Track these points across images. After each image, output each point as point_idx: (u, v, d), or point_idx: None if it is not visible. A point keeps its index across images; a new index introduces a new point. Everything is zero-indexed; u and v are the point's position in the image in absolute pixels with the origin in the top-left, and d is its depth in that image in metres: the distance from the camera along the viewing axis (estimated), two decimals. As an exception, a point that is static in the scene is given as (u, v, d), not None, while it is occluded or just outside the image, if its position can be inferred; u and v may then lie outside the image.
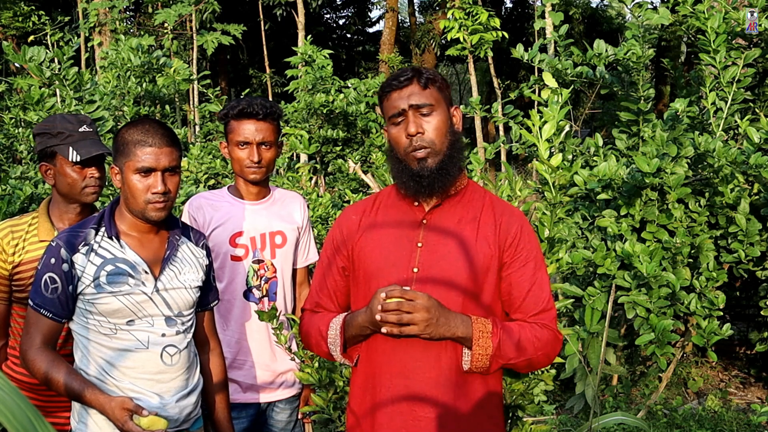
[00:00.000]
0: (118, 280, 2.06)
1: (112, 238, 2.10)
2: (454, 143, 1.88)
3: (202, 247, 2.28)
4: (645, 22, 4.90)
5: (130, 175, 2.05)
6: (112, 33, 12.40)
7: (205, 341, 2.32)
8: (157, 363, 2.10)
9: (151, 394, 2.10)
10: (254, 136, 2.57)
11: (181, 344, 2.15)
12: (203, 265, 2.25)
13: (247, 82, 20.81)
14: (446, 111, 1.90)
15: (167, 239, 2.18)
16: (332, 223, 6.04)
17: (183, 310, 2.17)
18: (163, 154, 2.05)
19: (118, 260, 2.08)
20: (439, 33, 16.66)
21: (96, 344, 2.08)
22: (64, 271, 2.04)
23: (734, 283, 4.77)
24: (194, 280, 2.20)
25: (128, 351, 2.08)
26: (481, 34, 9.98)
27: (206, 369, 2.32)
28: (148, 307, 2.10)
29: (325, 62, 8.21)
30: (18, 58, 5.40)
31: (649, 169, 3.91)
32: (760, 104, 5.23)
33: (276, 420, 2.74)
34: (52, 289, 2.05)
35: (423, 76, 1.88)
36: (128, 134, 2.07)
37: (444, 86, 1.92)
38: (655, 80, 15.90)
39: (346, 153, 8.09)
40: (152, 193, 2.05)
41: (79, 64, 14.14)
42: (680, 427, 4.44)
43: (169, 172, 2.08)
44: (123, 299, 2.06)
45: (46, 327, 2.06)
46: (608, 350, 4.09)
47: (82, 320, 2.09)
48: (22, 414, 0.83)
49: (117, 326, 2.07)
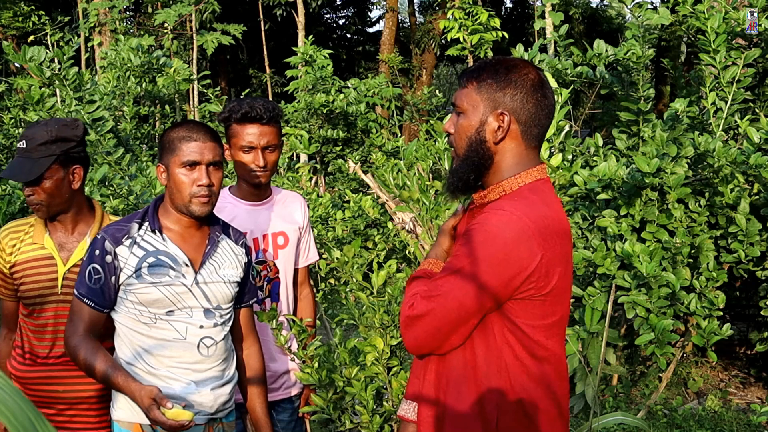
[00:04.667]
0: (158, 271, 2.13)
1: (155, 232, 2.17)
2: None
3: (241, 245, 2.34)
4: (645, 22, 4.90)
5: (176, 170, 2.13)
6: (112, 33, 12.40)
7: (243, 337, 2.37)
8: (194, 353, 2.17)
9: (188, 381, 2.16)
10: (259, 141, 2.54)
11: (218, 336, 2.21)
12: (242, 263, 2.31)
13: (247, 82, 20.81)
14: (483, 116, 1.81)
15: (208, 235, 2.24)
16: (332, 223, 6.04)
17: (222, 303, 2.23)
18: (207, 149, 2.13)
19: (159, 252, 2.15)
20: (439, 33, 16.65)
21: (136, 333, 2.15)
22: (107, 263, 2.13)
23: (734, 283, 4.76)
24: (233, 275, 2.26)
25: (166, 341, 2.15)
26: (481, 34, 9.97)
27: (244, 364, 2.37)
28: (187, 299, 2.16)
29: (325, 62, 8.21)
30: (18, 58, 5.40)
31: (649, 169, 3.91)
32: (760, 104, 5.22)
33: (277, 420, 2.73)
34: (95, 279, 2.13)
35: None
36: (173, 132, 2.16)
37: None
38: (655, 80, 15.89)
39: (346, 153, 8.09)
40: (197, 186, 2.11)
41: (79, 64, 14.14)
42: (680, 427, 4.44)
43: (213, 166, 2.15)
44: (163, 290, 2.13)
45: (89, 316, 2.14)
46: (608, 350, 4.10)
47: (123, 309, 2.16)
48: (23, 414, 0.83)
49: (157, 316, 2.14)
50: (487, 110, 1.70)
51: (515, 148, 1.71)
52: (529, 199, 1.68)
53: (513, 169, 1.71)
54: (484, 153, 1.70)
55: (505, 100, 1.68)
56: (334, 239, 5.77)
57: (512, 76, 1.69)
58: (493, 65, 1.72)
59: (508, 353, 1.69)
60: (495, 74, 1.70)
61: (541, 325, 1.69)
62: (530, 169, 1.73)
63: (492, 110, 1.69)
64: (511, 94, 1.68)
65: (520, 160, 1.72)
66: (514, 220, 1.62)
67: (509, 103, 1.68)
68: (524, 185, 1.71)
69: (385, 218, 5.90)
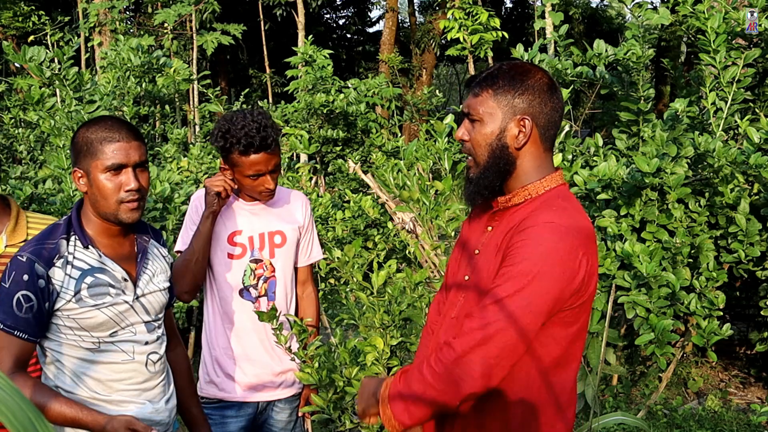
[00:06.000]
0: (99, 291, 1.95)
1: (88, 247, 1.97)
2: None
3: (162, 244, 2.21)
4: (645, 22, 4.90)
5: (99, 175, 1.92)
6: (112, 33, 12.39)
7: (169, 339, 2.26)
8: (144, 372, 2.05)
9: (143, 401, 2.05)
10: (266, 167, 2.51)
11: (161, 350, 2.11)
12: (169, 263, 2.20)
13: (247, 82, 20.81)
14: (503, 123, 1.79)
15: (135, 241, 2.08)
16: (332, 223, 6.04)
17: (159, 313, 2.12)
18: (133, 149, 1.93)
19: (95, 270, 1.96)
20: (439, 33, 16.65)
21: (78, 360, 1.97)
22: (40, 288, 1.89)
23: (734, 283, 4.76)
24: (165, 281, 2.14)
25: (114, 364, 2.00)
26: (481, 34, 9.98)
27: (175, 367, 2.28)
28: (129, 316, 2.02)
29: (325, 62, 8.21)
30: (18, 58, 5.40)
31: (649, 169, 3.91)
32: (760, 104, 5.23)
33: (276, 420, 2.73)
34: (27, 308, 1.88)
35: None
36: (90, 132, 1.93)
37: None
38: (655, 80, 15.90)
39: (346, 153, 8.09)
40: (125, 191, 1.93)
41: (79, 64, 14.14)
42: (680, 427, 4.44)
43: (140, 167, 1.96)
44: (106, 311, 1.96)
45: (20, 350, 1.90)
46: (608, 350, 4.10)
47: (60, 337, 1.96)
48: (23, 414, 0.83)
49: (101, 339, 1.97)
50: (506, 117, 1.72)
51: (535, 151, 1.74)
52: (568, 209, 1.70)
53: (535, 172, 1.74)
54: (508, 158, 1.73)
55: (525, 106, 1.71)
56: (334, 239, 5.77)
57: (529, 81, 1.72)
58: (506, 72, 1.73)
59: (529, 361, 1.68)
60: (511, 81, 1.72)
61: (568, 334, 1.69)
62: (553, 173, 1.76)
63: (512, 116, 1.71)
64: (530, 100, 1.71)
65: (541, 163, 1.75)
66: (564, 232, 1.63)
67: (529, 108, 1.71)
68: (550, 190, 1.74)
69: (385, 218, 5.90)
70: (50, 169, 5.19)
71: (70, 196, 4.40)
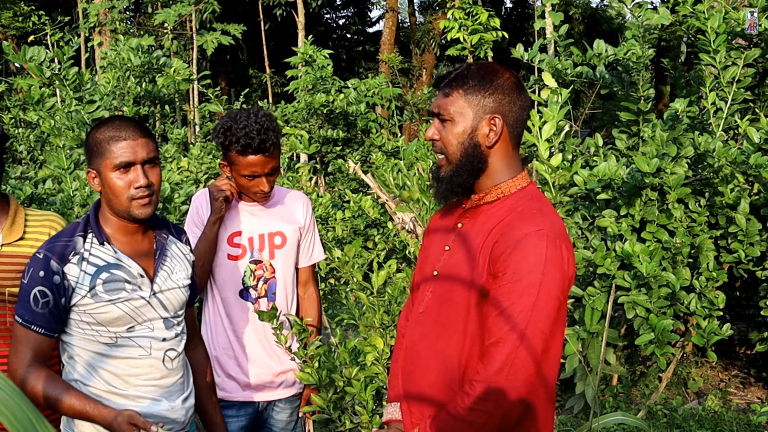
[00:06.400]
0: (114, 287, 1.99)
1: (104, 244, 2.02)
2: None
3: (185, 242, 2.23)
4: (645, 22, 4.90)
5: (109, 174, 1.97)
6: (112, 33, 12.39)
7: (190, 338, 2.28)
8: (161, 368, 2.07)
9: (158, 398, 2.07)
10: (263, 169, 2.51)
11: (179, 347, 2.13)
12: (190, 261, 2.22)
13: (247, 82, 20.81)
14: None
15: (154, 238, 2.11)
16: (332, 223, 6.04)
17: (178, 310, 2.13)
18: (140, 146, 1.98)
19: (112, 266, 2.00)
20: (439, 33, 16.65)
21: (96, 354, 2.02)
22: (56, 284, 1.95)
23: (734, 283, 4.76)
24: (185, 278, 2.16)
25: (131, 359, 2.03)
26: (481, 34, 9.97)
27: (195, 366, 2.29)
28: (146, 312, 2.04)
29: (325, 62, 8.22)
30: (18, 58, 5.40)
31: (649, 169, 3.91)
32: (760, 104, 5.23)
33: (276, 419, 2.74)
34: (43, 303, 1.95)
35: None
36: (99, 133, 2.00)
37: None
38: (655, 80, 15.90)
39: (346, 153, 8.09)
40: (135, 188, 1.97)
41: (79, 64, 14.13)
42: (680, 427, 4.44)
43: (148, 164, 2.00)
44: (122, 306, 2.00)
45: (38, 343, 1.97)
46: (608, 350, 4.09)
47: (77, 332, 2.01)
48: (23, 414, 0.83)
49: (117, 335, 2.01)
50: (477, 116, 1.76)
51: (505, 149, 1.80)
52: (543, 210, 1.76)
53: (506, 170, 1.81)
54: (480, 157, 1.78)
55: (495, 105, 1.76)
56: (334, 239, 5.77)
57: (498, 81, 1.77)
58: (476, 72, 1.79)
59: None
60: (481, 80, 1.76)
61: (557, 318, 1.76)
62: (522, 172, 1.83)
63: (483, 115, 1.76)
64: (500, 99, 1.76)
65: (510, 161, 1.81)
66: (552, 237, 1.70)
67: (499, 107, 1.77)
68: (522, 189, 1.81)
69: (385, 218, 5.90)
70: (50, 169, 5.19)
71: (70, 196, 4.40)
